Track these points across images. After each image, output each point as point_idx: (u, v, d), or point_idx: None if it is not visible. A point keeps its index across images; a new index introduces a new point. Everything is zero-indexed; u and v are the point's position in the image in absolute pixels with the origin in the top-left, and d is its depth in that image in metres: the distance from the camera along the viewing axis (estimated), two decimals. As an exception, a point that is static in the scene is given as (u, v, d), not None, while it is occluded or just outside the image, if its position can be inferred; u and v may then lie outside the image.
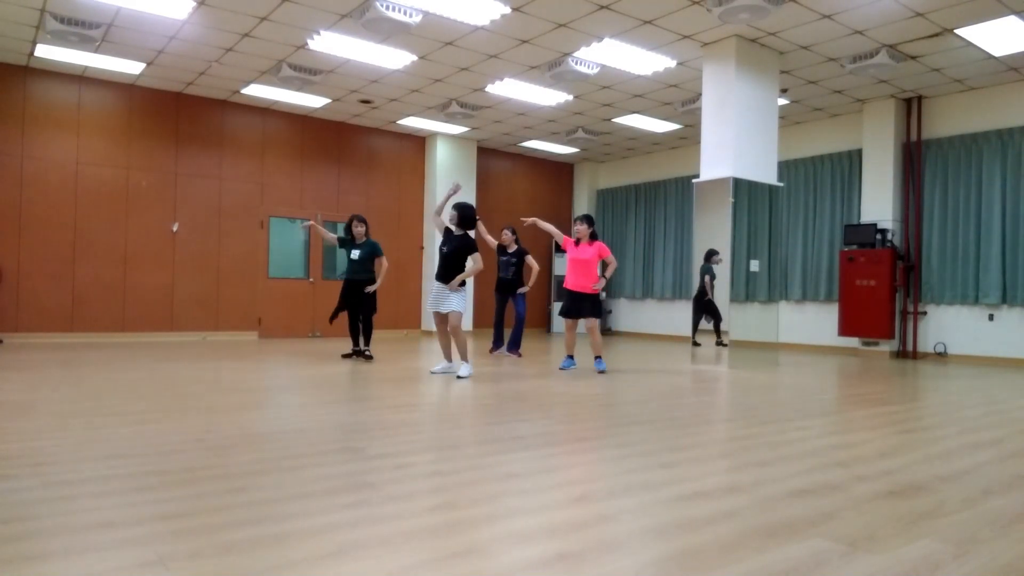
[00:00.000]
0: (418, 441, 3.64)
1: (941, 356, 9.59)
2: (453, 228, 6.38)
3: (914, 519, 2.44)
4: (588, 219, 7.06)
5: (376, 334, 12.02)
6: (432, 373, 6.45)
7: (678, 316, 12.89)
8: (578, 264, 6.94)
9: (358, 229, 7.71)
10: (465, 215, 6.34)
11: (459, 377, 6.12)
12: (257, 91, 10.19)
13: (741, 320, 8.56)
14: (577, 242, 7.01)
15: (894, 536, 2.25)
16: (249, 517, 2.30)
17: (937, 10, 6.89)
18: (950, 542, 2.21)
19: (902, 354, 9.94)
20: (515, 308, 8.63)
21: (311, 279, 11.62)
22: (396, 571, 1.89)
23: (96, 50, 8.54)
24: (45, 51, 8.66)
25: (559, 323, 13.41)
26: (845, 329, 10.08)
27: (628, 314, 14.04)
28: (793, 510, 2.50)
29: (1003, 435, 4.11)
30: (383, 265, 7.76)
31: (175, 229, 10.37)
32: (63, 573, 1.84)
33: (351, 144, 12.05)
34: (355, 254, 7.67)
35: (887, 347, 9.89)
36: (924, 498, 2.71)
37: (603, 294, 14.20)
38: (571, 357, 7.15)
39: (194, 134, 10.54)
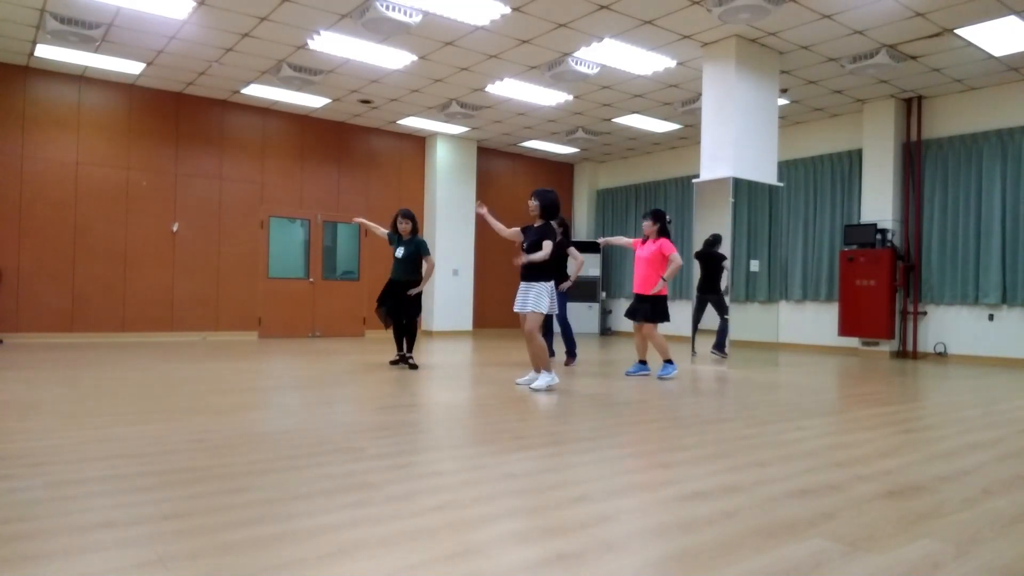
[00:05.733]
0: (418, 441, 3.64)
1: (941, 356, 9.59)
2: (533, 222, 5.72)
3: (914, 519, 2.44)
4: (653, 214, 6.62)
5: (377, 334, 12.05)
6: (517, 384, 5.84)
7: (678, 316, 12.88)
8: (638, 263, 6.63)
9: (403, 226, 7.03)
10: (548, 203, 5.64)
11: (532, 389, 5.54)
12: (257, 91, 10.19)
13: (741, 320, 8.55)
14: (644, 240, 6.67)
15: (894, 536, 2.25)
16: (249, 517, 2.30)
17: (937, 10, 6.89)
18: (950, 542, 2.21)
19: (902, 354, 9.94)
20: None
21: (311, 279, 11.62)
22: (396, 571, 1.89)
23: (96, 50, 8.54)
24: (45, 51, 8.66)
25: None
26: (845, 329, 10.08)
27: (628, 314, 14.03)
28: (793, 510, 2.50)
29: (1003, 435, 4.11)
30: (429, 264, 7.07)
31: (175, 229, 10.37)
32: (63, 573, 1.84)
33: (351, 144, 12.06)
34: (400, 252, 7.02)
35: (887, 347, 9.89)
36: (924, 498, 2.71)
37: (599, 298, 14.19)
38: (643, 362, 6.75)
39: (194, 134, 10.54)
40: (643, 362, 6.80)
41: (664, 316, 6.54)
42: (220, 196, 10.78)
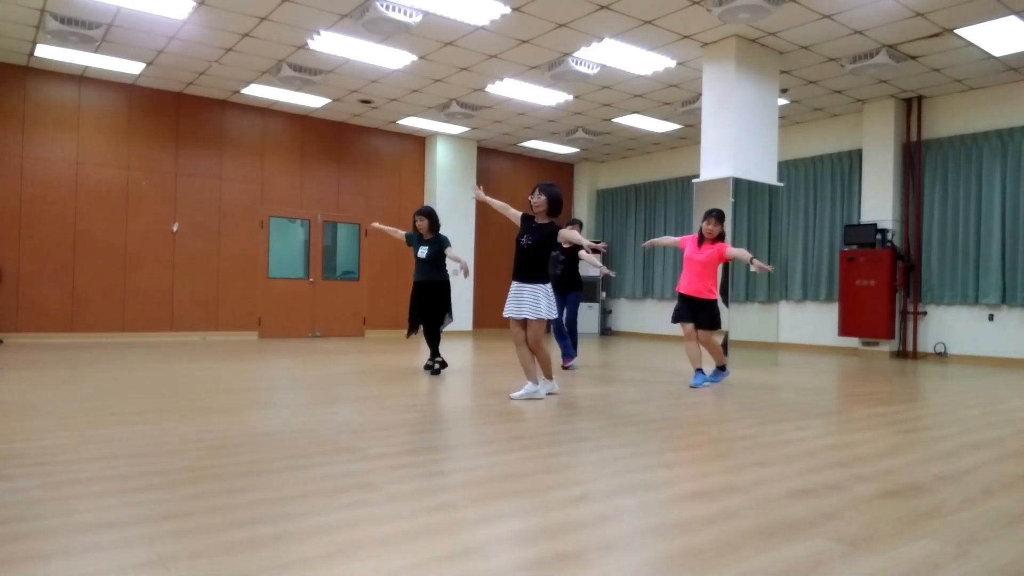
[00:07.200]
0: (418, 441, 3.64)
1: (941, 356, 9.59)
2: (535, 216, 5.28)
3: (914, 519, 2.43)
4: (721, 216, 6.08)
5: (376, 334, 12.06)
6: (512, 399, 5.08)
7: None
8: (691, 265, 6.11)
9: (420, 223, 6.74)
10: (555, 198, 5.24)
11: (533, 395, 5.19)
12: (257, 91, 10.19)
13: (741, 320, 8.55)
14: (700, 241, 6.11)
15: (894, 536, 2.25)
16: (249, 517, 2.30)
17: (937, 10, 6.89)
18: (950, 542, 2.21)
19: (902, 354, 9.94)
20: None
21: (311, 279, 11.62)
22: (396, 571, 1.89)
23: (96, 50, 8.53)
24: (45, 51, 8.66)
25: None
26: (845, 329, 10.08)
27: (628, 314, 14.04)
28: (793, 510, 2.50)
29: (1003, 435, 4.11)
30: (453, 254, 6.70)
31: (175, 229, 10.37)
32: (63, 573, 1.84)
33: (351, 144, 12.06)
34: (422, 253, 6.70)
35: (887, 347, 9.89)
36: (924, 498, 2.71)
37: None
38: (700, 371, 6.14)
39: (194, 134, 10.54)
40: (700, 370, 6.18)
41: (719, 321, 6.28)
42: (220, 196, 10.77)
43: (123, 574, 1.84)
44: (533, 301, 5.10)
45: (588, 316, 13.79)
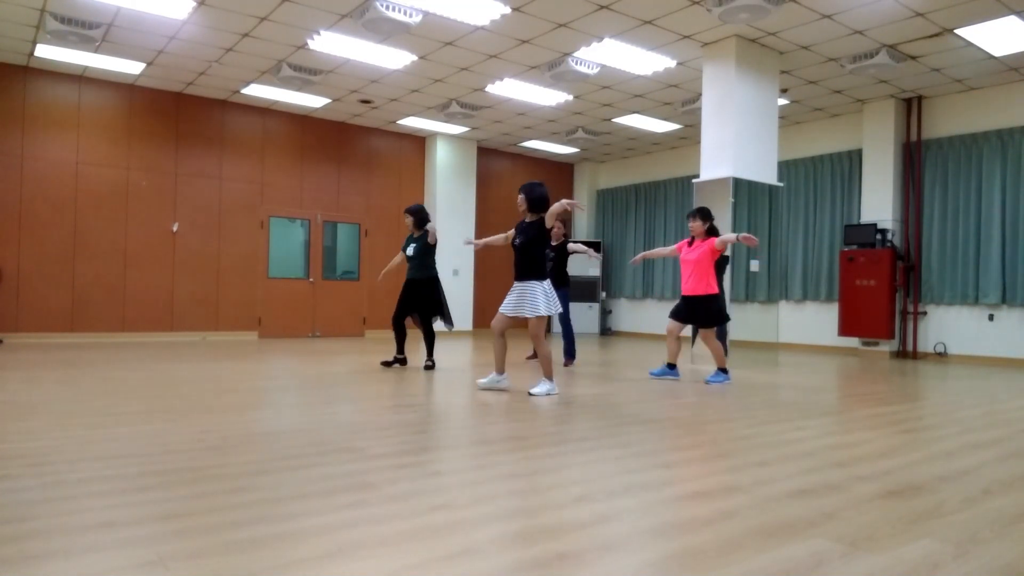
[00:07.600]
0: (418, 441, 3.64)
1: (941, 356, 9.59)
2: (524, 219, 5.43)
3: (914, 519, 2.43)
4: (701, 213, 6.25)
5: (376, 334, 12.06)
6: (480, 386, 5.55)
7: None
8: (685, 266, 6.26)
9: (406, 221, 7.03)
10: (535, 196, 5.30)
11: (530, 393, 5.27)
12: (257, 91, 10.19)
13: (741, 320, 8.55)
14: (691, 241, 6.30)
15: (894, 536, 2.25)
16: (249, 517, 2.30)
17: (937, 10, 6.89)
18: (950, 542, 2.21)
19: (902, 354, 9.94)
20: None
21: (311, 279, 11.63)
22: (396, 571, 1.89)
23: (96, 50, 8.54)
24: (45, 51, 8.66)
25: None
26: (845, 329, 10.08)
27: (628, 314, 14.04)
28: (793, 510, 2.50)
29: (1003, 435, 4.11)
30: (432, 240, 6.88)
31: (175, 229, 10.37)
32: (63, 573, 1.84)
33: (351, 144, 12.06)
34: (410, 250, 6.88)
35: (887, 347, 9.89)
36: (924, 498, 2.71)
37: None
38: (672, 366, 6.37)
39: (194, 134, 10.54)
40: (672, 366, 6.41)
41: (723, 316, 6.34)
42: (220, 196, 10.78)
43: (123, 574, 1.84)
44: (532, 299, 5.25)
45: (588, 316, 13.79)
